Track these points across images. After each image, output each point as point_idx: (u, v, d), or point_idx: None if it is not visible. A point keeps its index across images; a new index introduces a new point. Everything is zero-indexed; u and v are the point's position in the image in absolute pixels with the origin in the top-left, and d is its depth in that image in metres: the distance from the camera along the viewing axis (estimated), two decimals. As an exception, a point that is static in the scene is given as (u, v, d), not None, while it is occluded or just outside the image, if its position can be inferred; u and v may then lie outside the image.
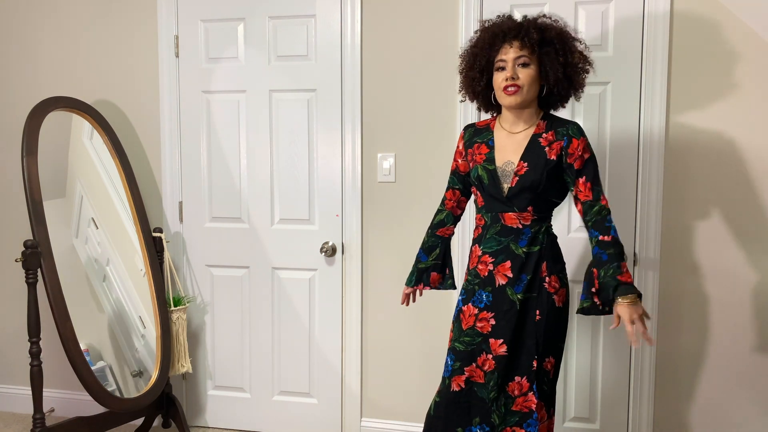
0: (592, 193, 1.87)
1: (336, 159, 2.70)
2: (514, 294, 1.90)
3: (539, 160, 1.88)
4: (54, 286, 2.34)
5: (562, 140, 1.88)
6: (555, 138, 1.89)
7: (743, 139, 2.36)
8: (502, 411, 1.92)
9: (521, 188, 1.89)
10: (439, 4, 2.55)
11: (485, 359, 1.93)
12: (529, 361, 1.89)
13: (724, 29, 2.34)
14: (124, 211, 2.74)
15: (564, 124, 1.91)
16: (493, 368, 1.91)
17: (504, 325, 1.90)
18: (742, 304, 2.41)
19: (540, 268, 1.91)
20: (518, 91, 1.86)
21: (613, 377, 2.53)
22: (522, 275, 1.90)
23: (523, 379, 1.90)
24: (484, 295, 1.94)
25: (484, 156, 1.96)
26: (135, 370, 2.67)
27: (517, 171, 1.89)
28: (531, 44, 1.85)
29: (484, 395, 1.93)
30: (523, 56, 1.86)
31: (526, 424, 1.90)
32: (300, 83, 2.71)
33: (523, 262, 1.90)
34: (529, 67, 1.86)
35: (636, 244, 2.46)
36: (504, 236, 1.93)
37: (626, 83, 2.42)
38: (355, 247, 2.70)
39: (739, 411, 2.45)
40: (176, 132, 2.84)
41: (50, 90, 2.88)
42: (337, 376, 2.79)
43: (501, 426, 1.92)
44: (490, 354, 1.92)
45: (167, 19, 2.79)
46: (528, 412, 1.90)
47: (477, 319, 1.94)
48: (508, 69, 1.87)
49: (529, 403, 1.89)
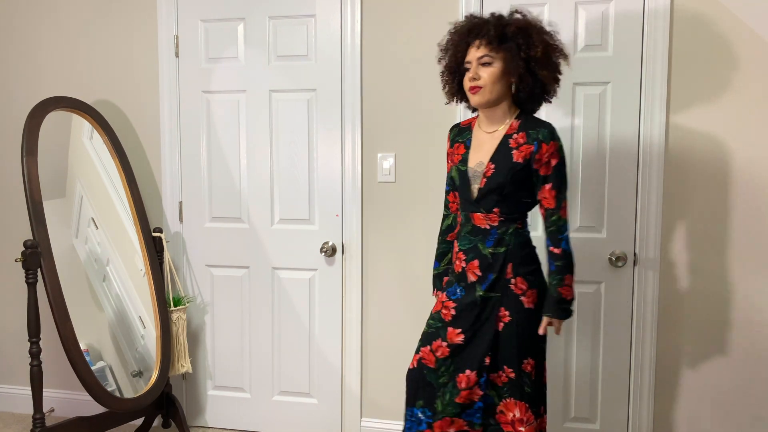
0: (555, 201, 1.88)
1: (336, 159, 2.70)
2: (480, 290, 1.93)
3: (506, 162, 1.88)
4: (54, 286, 2.34)
5: (532, 144, 1.86)
6: (525, 140, 1.87)
7: (743, 139, 2.36)
8: (446, 398, 1.94)
9: (488, 190, 1.90)
10: (439, 4, 2.55)
11: (440, 345, 1.96)
12: (482, 357, 1.91)
13: (724, 29, 2.34)
14: (124, 211, 2.74)
15: (536, 127, 1.88)
16: (447, 355, 1.95)
17: (464, 316, 1.94)
18: (742, 304, 2.41)
19: (505, 270, 1.91)
20: (480, 91, 1.87)
21: (613, 377, 2.53)
22: (488, 274, 1.93)
23: (473, 373, 1.92)
24: (458, 290, 1.98)
25: (460, 156, 2.00)
26: (135, 370, 2.67)
27: (485, 172, 1.91)
28: (490, 42, 1.84)
29: (432, 380, 1.96)
30: (486, 55, 1.86)
31: (465, 413, 1.93)
32: (300, 83, 2.71)
33: (489, 263, 1.93)
34: (492, 65, 1.86)
35: (636, 244, 2.46)
36: (474, 236, 1.96)
37: (626, 83, 2.42)
38: (355, 247, 2.70)
39: (738, 411, 2.45)
40: (176, 132, 2.84)
41: (50, 90, 2.88)
42: (337, 376, 2.79)
43: (442, 414, 1.94)
44: (445, 341, 1.96)
45: (167, 19, 2.79)
46: (469, 404, 1.93)
47: (443, 306, 1.99)
48: (472, 69, 1.88)
49: (473, 395, 1.92)
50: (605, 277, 2.50)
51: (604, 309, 2.52)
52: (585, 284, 2.52)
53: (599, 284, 2.51)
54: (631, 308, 2.49)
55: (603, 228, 2.49)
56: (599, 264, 2.49)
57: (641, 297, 2.46)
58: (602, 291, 2.51)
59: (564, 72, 2.43)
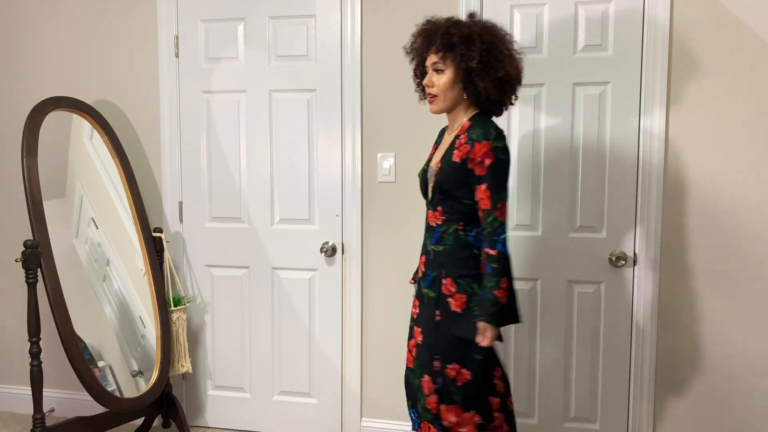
0: (490, 202, 1.80)
1: (336, 159, 2.70)
2: (424, 287, 1.97)
3: (447, 162, 1.89)
4: (54, 286, 2.34)
5: (468, 144, 1.82)
6: (465, 141, 1.84)
7: (743, 138, 2.36)
8: (422, 401, 1.93)
9: (434, 188, 1.93)
10: (439, 4, 2.55)
11: (413, 345, 1.99)
12: (430, 360, 1.89)
13: (724, 29, 2.34)
14: (124, 211, 2.74)
15: (475, 127, 1.83)
16: (416, 355, 1.96)
17: (420, 314, 1.97)
18: (742, 304, 2.41)
19: (441, 269, 1.92)
20: (435, 99, 1.91)
21: (613, 377, 2.53)
22: (429, 271, 1.96)
23: (429, 379, 1.90)
24: (419, 284, 2.02)
25: (429, 157, 2.06)
26: (135, 370, 2.67)
27: (435, 171, 1.94)
28: (439, 49, 1.86)
29: (413, 381, 1.98)
30: (437, 62, 1.88)
31: (436, 424, 1.90)
32: (300, 83, 2.71)
33: (431, 260, 1.96)
34: (444, 72, 1.87)
35: (636, 244, 2.46)
36: (426, 232, 2.01)
37: (626, 83, 2.42)
38: (355, 247, 2.70)
39: (738, 411, 2.45)
40: (176, 132, 2.84)
41: (50, 90, 2.88)
42: (337, 376, 2.79)
43: (422, 417, 1.95)
44: (414, 340, 1.98)
45: (167, 19, 2.79)
46: (436, 413, 1.89)
47: (413, 306, 2.04)
48: (428, 75, 1.91)
49: (431, 405, 1.89)
50: (605, 277, 2.50)
51: (604, 309, 2.52)
52: (585, 284, 2.52)
53: (599, 284, 2.51)
54: (631, 308, 2.49)
55: (603, 228, 2.49)
56: (599, 264, 2.49)
57: (641, 297, 2.47)
58: (602, 291, 2.51)
59: (561, 72, 2.45)
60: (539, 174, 2.52)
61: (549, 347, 2.58)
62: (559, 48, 2.46)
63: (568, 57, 2.45)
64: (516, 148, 2.53)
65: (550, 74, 2.47)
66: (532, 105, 2.50)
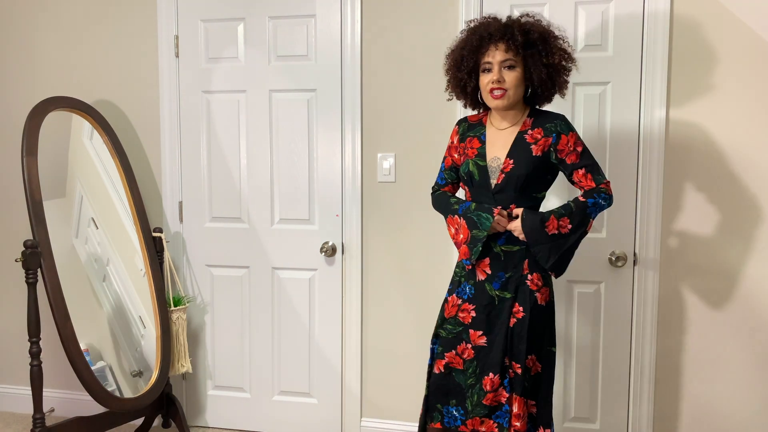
0: (594, 182, 1.92)
1: (336, 159, 2.70)
2: (492, 290, 1.95)
3: (525, 157, 1.90)
4: (54, 286, 2.34)
5: (551, 137, 1.91)
6: (543, 135, 1.92)
7: (743, 138, 2.36)
8: (474, 399, 1.96)
9: (506, 184, 1.92)
10: (439, 4, 2.55)
11: (465, 348, 1.98)
12: (501, 358, 1.92)
13: (724, 29, 2.34)
14: (124, 211, 2.74)
15: (552, 120, 1.93)
16: (472, 357, 1.97)
17: (483, 318, 1.96)
18: (742, 304, 2.41)
19: (521, 266, 1.93)
20: (504, 95, 1.90)
21: (613, 377, 2.53)
22: (500, 273, 1.94)
23: (496, 376, 1.93)
24: (467, 288, 1.99)
25: (476, 151, 1.99)
26: (135, 370, 2.67)
27: (504, 168, 1.92)
28: (516, 47, 1.87)
29: (461, 381, 1.99)
30: (509, 59, 1.88)
31: (495, 415, 1.94)
32: (300, 83, 2.71)
33: (501, 260, 1.94)
34: (515, 69, 1.89)
35: (636, 244, 2.46)
36: None
37: (626, 83, 2.42)
38: (355, 247, 2.70)
39: (738, 411, 2.45)
40: (176, 132, 2.84)
41: (50, 90, 2.88)
42: (337, 376, 2.79)
43: (472, 414, 1.96)
44: (469, 344, 1.98)
45: (167, 19, 2.79)
46: (497, 405, 1.94)
47: (459, 310, 2.00)
48: (495, 72, 1.89)
49: (500, 397, 1.94)
50: (605, 277, 2.50)
51: (604, 309, 2.52)
52: (585, 284, 2.52)
53: (599, 284, 2.51)
54: (631, 308, 2.49)
55: (603, 228, 2.49)
56: (599, 264, 2.49)
57: (641, 297, 2.47)
58: (602, 291, 2.51)
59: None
60: (539, 174, 2.52)
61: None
62: (559, 48, 2.46)
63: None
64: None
65: (550, 74, 2.46)
66: (532, 105, 2.50)
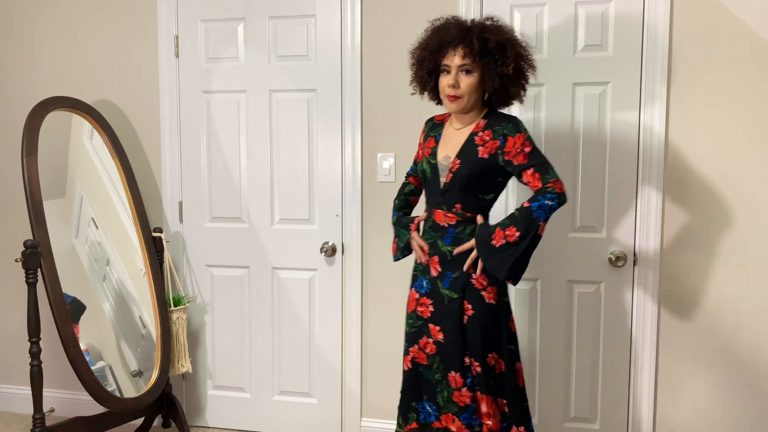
0: (541, 181, 1.90)
1: (336, 159, 2.70)
2: (443, 288, 1.98)
3: (471, 158, 1.94)
4: (54, 286, 2.34)
5: (498, 140, 1.92)
6: (491, 137, 1.93)
7: (744, 138, 2.36)
8: (444, 395, 1.97)
9: (452, 184, 1.95)
10: (439, 4, 2.55)
11: (427, 342, 2.00)
12: (460, 358, 1.94)
13: (723, 29, 2.34)
14: (124, 211, 2.74)
15: (502, 122, 1.94)
16: (435, 352, 1.99)
17: (440, 314, 1.98)
18: (742, 304, 2.41)
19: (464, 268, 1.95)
20: (458, 100, 1.94)
21: (613, 377, 2.53)
22: (448, 272, 1.97)
23: (457, 374, 1.94)
24: (424, 282, 2.03)
25: (430, 150, 2.06)
26: (135, 370, 2.67)
27: (451, 167, 1.96)
28: (473, 53, 1.89)
29: (429, 376, 2.00)
30: (466, 64, 1.91)
31: (462, 416, 1.95)
32: (300, 83, 2.71)
33: (448, 260, 1.97)
34: (472, 74, 1.92)
35: (636, 244, 2.46)
36: (434, 232, 2.01)
37: (626, 83, 2.42)
38: (355, 247, 2.70)
39: (738, 411, 2.45)
40: (176, 132, 2.84)
41: (50, 90, 2.88)
42: (337, 376, 2.79)
43: (444, 410, 1.98)
44: (431, 338, 2.00)
45: (167, 19, 2.79)
46: (464, 406, 1.95)
47: (418, 304, 2.03)
48: (451, 75, 1.92)
49: (464, 397, 1.94)
50: (605, 277, 2.50)
51: (604, 309, 2.52)
52: (585, 284, 2.52)
53: (599, 284, 2.51)
54: (631, 308, 2.49)
55: (603, 228, 2.49)
56: (599, 264, 2.49)
57: (641, 297, 2.47)
58: (602, 291, 2.51)
59: (561, 72, 2.46)
60: (539, 174, 2.52)
61: (549, 347, 2.58)
62: (559, 48, 2.46)
63: (568, 57, 2.45)
64: (516, 148, 2.53)
65: (550, 74, 2.47)
66: (532, 105, 2.50)
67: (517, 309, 2.58)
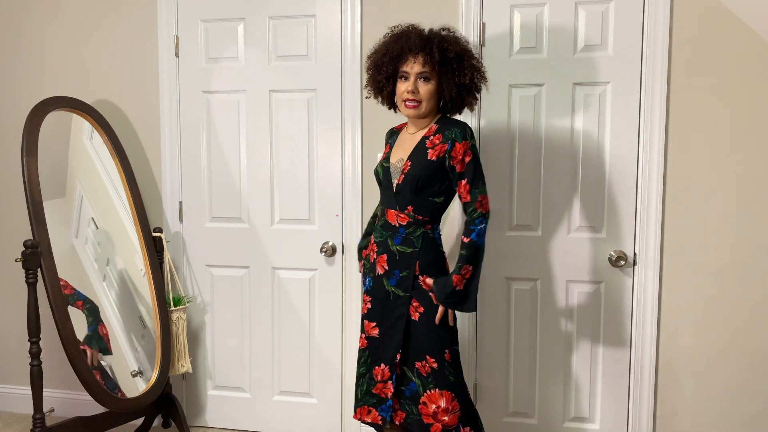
0: (470, 195, 1.97)
1: (336, 159, 2.70)
2: (389, 285, 2.04)
3: (421, 160, 1.99)
4: (54, 286, 2.34)
5: (447, 144, 1.98)
6: (441, 141, 1.99)
7: (743, 138, 2.36)
8: (363, 388, 2.08)
9: (404, 185, 2.00)
10: (439, 4, 2.55)
11: (361, 336, 2.12)
12: (393, 353, 2.01)
13: (724, 29, 2.34)
14: (124, 211, 2.74)
15: (451, 127, 1.99)
16: (365, 347, 2.10)
17: (378, 310, 2.06)
18: (742, 304, 2.41)
19: (414, 266, 2.01)
20: (418, 106, 1.99)
21: (613, 377, 2.53)
22: (395, 270, 2.03)
23: (386, 368, 2.03)
24: (368, 280, 2.12)
25: (384, 155, 2.14)
26: (135, 370, 2.67)
27: (403, 169, 2.02)
28: (433, 62, 1.95)
29: (357, 368, 2.13)
30: (425, 72, 1.97)
31: (380, 408, 2.04)
32: (300, 83, 2.71)
33: (396, 260, 2.03)
34: (430, 82, 1.98)
35: (636, 244, 2.46)
36: (385, 231, 2.08)
37: (626, 83, 2.42)
38: (355, 247, 2.70)
39: (738, 411, 2.45)
40: (176, 132, 2.84)
41: (50, 90, 2.88)
42: (337, 376, 2.79)
43: (360, 402, 2.09)
44: (363, 333, 2.11)
45: (167, 19, 2.79)
46: (384, 398, 2.04)
47: (363, 301, 2.12)
48: (410, 82, 1.98)
49: (387, 390, 2.03)
50: (605, 277, 2.50)
51: (604, 309, 2.52)
52: (585, 284, 2.52)
53: (599, 284, 2.51)
54: (631, 308, 2.49)
55: (603, 228, 2.49)
56: (599, 264, 2.49)
57: (641, 297, 2.47)
58: (602, 291, 2.51)
59: (561, 72, 2.46)
60: (539, 174, 2.52)
61: (549, 347, 2.58)
62: (559, 48, 2.46)
63: (568, 57, 2.46)
64: (516, 147, 2.53)
65: (550, 74, 2.47)
66: (532, 105, 2.50)
67: (517, 309, 2.58)
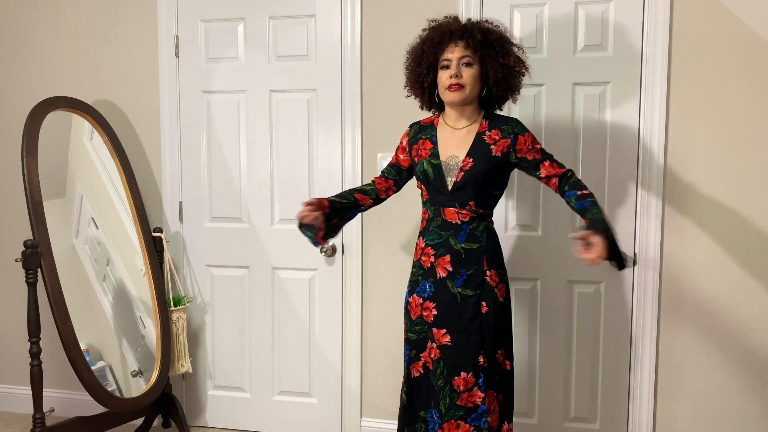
0: (558, 168, 2.00)
1: (336, 159, 2.70)
2: (455, 287, 1.97)
3: (485, 157, 1.97)
4: (54, 286, 2.34)
5: (509, 138, 1.98)
6: (501, 136, 1.99)
7: (743, 137, 2.36)
8: (447, 402, 1.96)
9: (465, 182, 1.97)
10: (439, 4, 2.55)
11: (431, 347, 2.00)
12: (474, 357, 1.93)
13: (724, 29, 2.34)
14: (124, 211, 2.75)
15: (507, 122, 2.01)
16: (438, 357, 1.98)
17: (446, 315, 1.97)
18: (742, 304, 2.41)
19: (482, 262, 1.97)
20: (461, 89, 1.95)
21: (613, 377, 2.53)
22: (461, 269, 1.97)
23: (469, 375, 1.94)
24: (427, 285, 2.02)
25: (429, 151, 2.06)
26: (135, 370, 2.67)
27: (463, 166, 1.98)
28: (474, 45, 1.94)
29: (433, 382, 1.99)
30: (467, 56, 1.95)
31: (470, 418, 1.95)
32: (300, 83, 2.71)
33: (462, 258, 1.97)
34: (472, 66, 1.96)
35: (636, 244, 2.46)
36: (444, 230, 2.00)
37: (626, 83, 2.42)
38: (355, 247, 2.70)
39: (738, 411, 2.45)
40: (176, 132, 2.84)
41: (50, 90, 2.88)
42: (337, 376, 2.79)
43: (446, 417, 1.96)
44: (434, 343, 1.99)
45: (167, 19, 2.79)
46: (473, 407, 1.94)
47: (422, 309, 2.02)
48: (453, 67, 1.95)
49: (474, 398, 1.94)
50: (605, 277, 2.50)
51: (604, 309, 2.52)
52: (585, 284, 2.52)
53: (599, 284, 2.51)
54: (631, 308, 2.49)
55: (603, 228, 2.49)
56: (599, 264, 2.49)
57: (641, 297, 2.47)
58: (602, 291, 2.51)
59: (561, 72, 2.46)
60: (539, 174, 2.52)
61: (549, 347, 2.58)
62: (559, 48, 2.46)
63: (568, 57, 2.46)
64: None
65: (550, 74, 2.47)
66: (532, 105, 2.50)
67: (517, 309, 2.58)
